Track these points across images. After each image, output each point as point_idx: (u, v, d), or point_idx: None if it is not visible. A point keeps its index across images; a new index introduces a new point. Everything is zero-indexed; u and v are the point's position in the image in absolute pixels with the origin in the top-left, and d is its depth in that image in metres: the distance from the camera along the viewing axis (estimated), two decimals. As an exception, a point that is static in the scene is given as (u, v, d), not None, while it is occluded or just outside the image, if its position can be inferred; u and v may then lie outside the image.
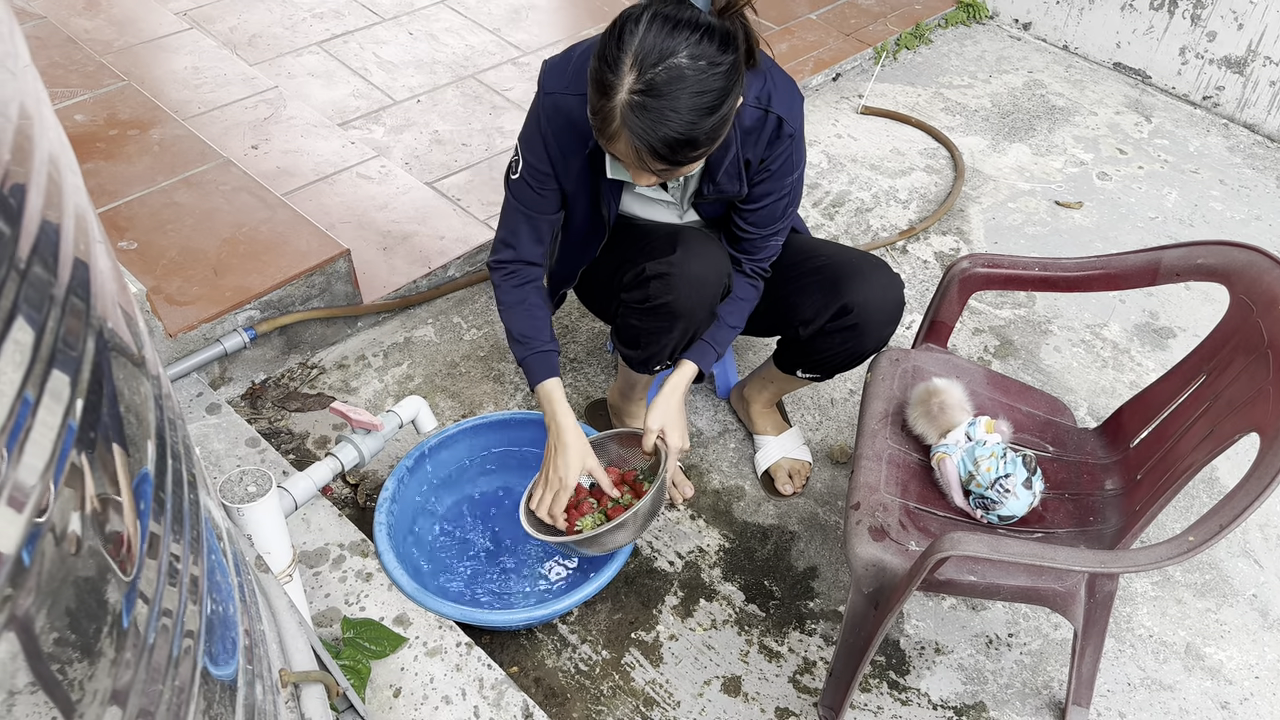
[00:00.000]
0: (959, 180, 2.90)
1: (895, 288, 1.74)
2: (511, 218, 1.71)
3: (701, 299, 1.67)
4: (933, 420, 1.66)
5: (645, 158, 1.39)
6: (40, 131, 0.60)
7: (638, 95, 1.33)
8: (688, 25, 1.33)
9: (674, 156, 1.38)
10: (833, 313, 1.73)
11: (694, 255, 1.64)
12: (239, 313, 2.07)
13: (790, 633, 1.84)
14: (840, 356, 1.80)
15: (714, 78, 1.34)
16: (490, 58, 3.11)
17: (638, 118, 1.34)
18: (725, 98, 1.36)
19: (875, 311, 1.72)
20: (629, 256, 1.73)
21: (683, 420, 1.75)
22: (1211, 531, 1.27)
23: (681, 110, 1.33)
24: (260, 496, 1.40)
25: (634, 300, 1.70)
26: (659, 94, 1.32)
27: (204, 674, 0.76)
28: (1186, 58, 3.30)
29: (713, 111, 1.36)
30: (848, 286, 1.72)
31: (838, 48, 3.35)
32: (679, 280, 1.63)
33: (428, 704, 1.57)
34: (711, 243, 1.70)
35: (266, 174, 2.49)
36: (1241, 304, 1.54)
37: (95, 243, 0.67)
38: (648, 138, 1.35)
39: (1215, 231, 2.84)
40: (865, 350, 1.78)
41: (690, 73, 1.32)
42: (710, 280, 1.66)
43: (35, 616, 0.51)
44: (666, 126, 1.34)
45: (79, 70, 2.66)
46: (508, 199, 1.70)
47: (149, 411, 0.71)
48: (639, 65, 1.32)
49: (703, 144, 1.39)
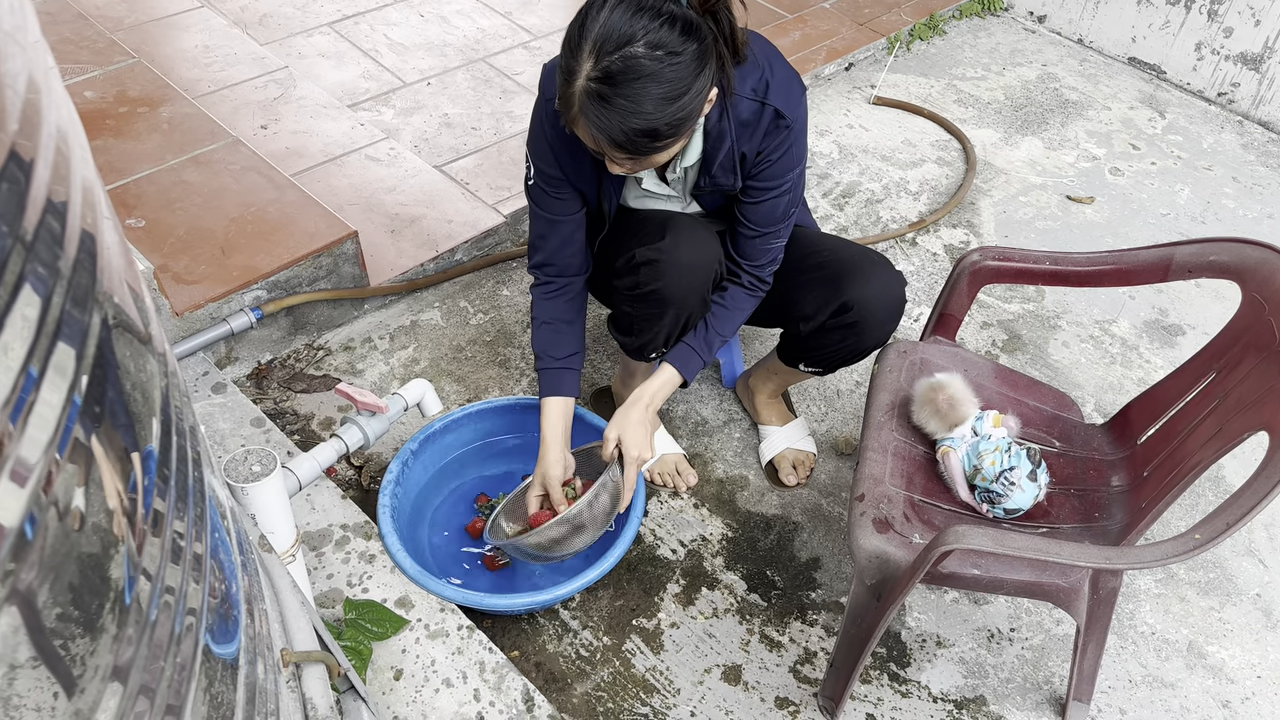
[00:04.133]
0: (970, 173, 2.89)
1: (896, 286, 1.73)
2: (536, 223, 1.72)
3: (691, 285, 1.65)
4: (942, 416, 1.65)
5: (605, 146, 1.38)
6: (49, 105, 0.59)
7: (594, 83, 1.32)
8: (649, 11, 1.31)
9: (632, 146, 1.37)
10: (833, 310, 1.72)
11: (684, 241, 1.63)
12: (246, 292, 2.07)
13: (791, 623, 1.84)
14: (841, 353, 1.79)
15: (672, 68, 1.31)
16: (501, 41, 3.10)
17: (593, 105, 1.33)
18: (685, 89, 1.34)
19: (876, 309, 1.71)
20: (624, 243, 1.72)
21: (643, 430, 1.69)
22: (1219, 530, 1.26)
23: (636, 100, 1.31)
24: (265, 476, 1.40)
25: (625, 287, 1.69)
26: (614, 82, 1.31)
27: (206, 652, 0.76)
28: (1202, 53, 3.27)
29: (671, 101, 1.33)
30: (848, 284, 1.70)
31: (850, 37, 3.33)
32: (668, 266, 1.62)
33: (429, 686, 1.57)
34: (702, 228, 1.68)
35: (275, 154, 2.49)
36: (1253, 302, 1.53)
37: (103, 218, 0.67)
38: (603, 126, 1.34)
39: (1227, 229, 2.82)
40: (866, 347, 1.77)
41: (647, 62, 1.30)
42: (699, 266, 1.65)
43: (37, 591, 0.51)
44: (620, 116, 1.32)
45: (89, 47, 2.65)
46: (529, 204, 1.71)
47: (154, 388, 0.71)
48: (596, 52, 1.31)
49: (665, 135, 1.36)
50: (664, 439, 2.05)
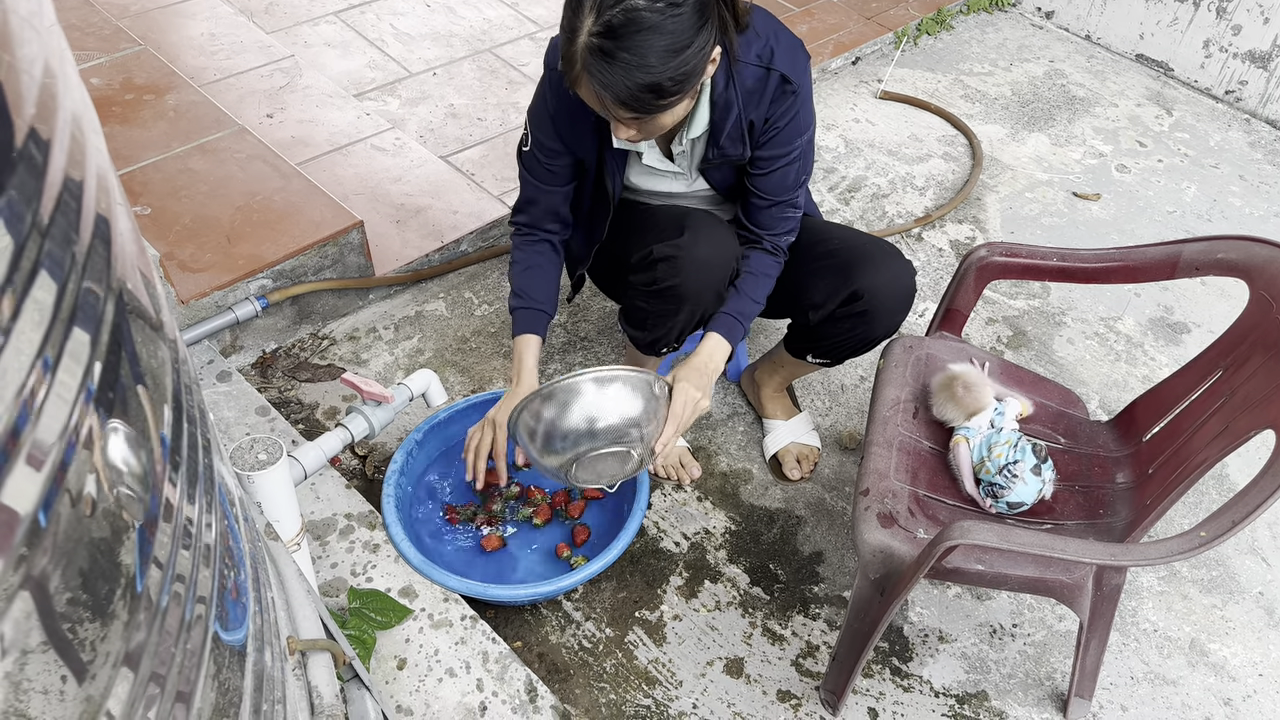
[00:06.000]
0: (977, 168, 2.88)
1: (907, 275, 1.73)
2: (525, 188, 1.74)
3: (709, 282, 1.65)
4: (958, 403, 1.65)
5: (610, 105, 1.37)
6: (64, 90, 0.59)
7: (596, 38, 1.31)
8: None
9: (636, 103, 1.36)
10: (843, 299, 1.72)
11: (702, 238, 1.63)
12: (251, 281, 2.07)
13: (794, 616, 1.84)
14: (850, 343, 1.78)
15: (674, 19, 1.31)
16: (508, 32, 3.09)
17: (596, 61, 1.32)
18: (688, 42, 1.34)
19: (886, 299, 1.71)
20: (637, 238, 1.72)
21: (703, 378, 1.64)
22: (1224, 527, 1.26)
23: (639, 53, 1.31)
24: (271, 465, 1.40)
25: (641, 283, 1.69)
26: (616, 36, 1.30)
27: (215, 639, 0.76)
28: (1210, 51, 3.26)
29: (674, 54, 1.33)
30: (858, 273, 1.70)
31: (858, 31, 3.32)
32: (686, 263, 1.62)
33: (432, 676, 1.57)
34: (720, 226, 1.68)
35: (281, 143, 2.48)
36: (1261, 300, 1.53)
37: (116, 204, 0.67)
38: (607, 82, 1.33)
39: (1234, 227, 2.82)
40: (875, 337, 1.77)
41: (648, 14, 1.30)
42: (717, 264, 1.65)
43: (50, 577, 0.51)
44: (624, 70, 1.32)
45: (95, 34, 2.64)
46: (520, 169, 1.72)
47: (166, 375, 0.71)
48: (598, 6, 1.30)
49: (669, 91, 1.36)
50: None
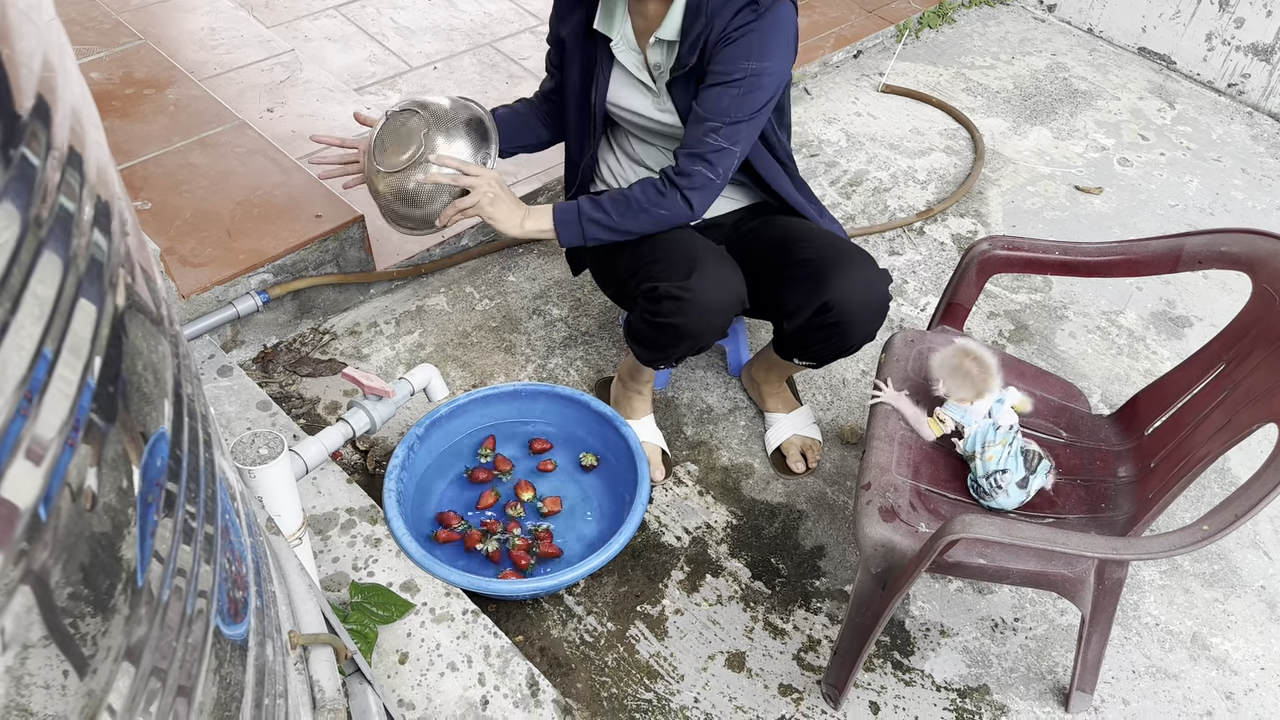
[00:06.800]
0: (978, 162, 2.87)
1: (878, 284, 1.71)
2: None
3: (712, 324, 1.68)
4: (972, 381, 1.60)
5: None
6: (64, 84, 0.59)
7: None
8: None
9: None
10: (814, 309, 1.70)
11: (709, 282, 1.64)
12: (252, 276, 2.07)
13: (796, 610, 1.84)
14: (827, 350, 1.78)
15: None
16: (508, 26, 3.08)
17: None
18: None
19: (857, 309, 1.69)
20: (646, 266, 1.72)
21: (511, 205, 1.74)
22: (1226, 521, 1.26)
23: None
24: (272, 459, 1.40)
25: (646, 310, 1.71)
26: None
27: (216, 633, 0.76)
28: (1213, 44, 3.25)
29: None
30: (828, 284, 1.68)
31: (860, 24, 3.32)
32: (691, 307, 1.64)
33: (434, 670, 1.57)
34: (728, 265, 1.70)
35: (281, 137, 2.48)
36: (1264, 293, 1.52)
37: (116, 198, 0.66)
38: None
39: (1236, 220, 2.81)
40: (851, 345, 1.76)
41: None
42: (724, 306, 1.68)
43: (50, 571, 0.51)
44: None
45: (95, 28, 2.64)
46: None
47: (166, 370, 0.71)
48: None
49: None
50: (649, 428, 2.04)
